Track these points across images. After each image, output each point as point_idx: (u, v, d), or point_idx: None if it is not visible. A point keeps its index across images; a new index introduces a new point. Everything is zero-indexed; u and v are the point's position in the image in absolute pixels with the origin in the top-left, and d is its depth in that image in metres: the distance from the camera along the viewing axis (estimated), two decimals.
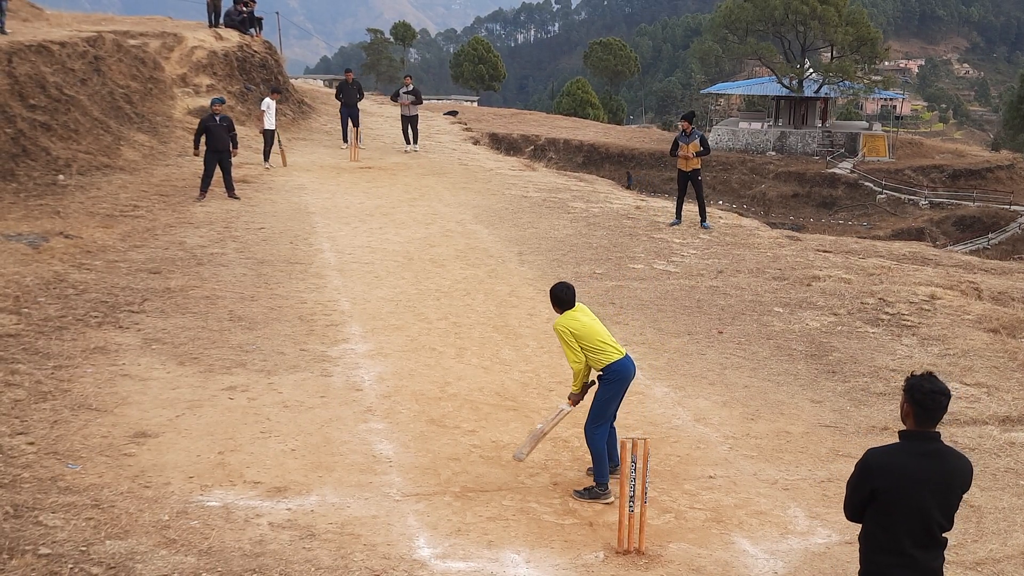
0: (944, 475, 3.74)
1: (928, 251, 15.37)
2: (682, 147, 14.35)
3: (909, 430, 3.82)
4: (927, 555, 3.79)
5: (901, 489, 3.74)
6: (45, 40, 16.22)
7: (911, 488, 3.73)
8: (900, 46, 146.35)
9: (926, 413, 3.75)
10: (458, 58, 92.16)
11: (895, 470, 3.75)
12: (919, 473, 3.73)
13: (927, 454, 3.75)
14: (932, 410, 3.74)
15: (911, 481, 3.73)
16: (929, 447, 3.76)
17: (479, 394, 7.95)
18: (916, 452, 3.76)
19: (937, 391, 3.73)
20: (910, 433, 3.81)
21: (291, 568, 5.11)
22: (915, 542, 3.77)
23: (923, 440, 3.77)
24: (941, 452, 3.78)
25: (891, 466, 3.77)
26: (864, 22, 56.71)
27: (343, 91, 21.13)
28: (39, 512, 5.35)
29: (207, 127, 14.68)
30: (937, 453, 3.77)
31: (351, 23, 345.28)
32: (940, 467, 3.75)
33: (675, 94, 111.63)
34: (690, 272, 12.05)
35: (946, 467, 3.75)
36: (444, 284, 11.13)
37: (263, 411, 7.30)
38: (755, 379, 8.61)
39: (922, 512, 3.73)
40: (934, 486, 3.73)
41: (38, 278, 9.82)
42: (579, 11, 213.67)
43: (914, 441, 3.79)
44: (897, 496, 3.75)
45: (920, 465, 3.74)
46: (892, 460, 3.78)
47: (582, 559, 5.51)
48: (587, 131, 56.97)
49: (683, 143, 14.35)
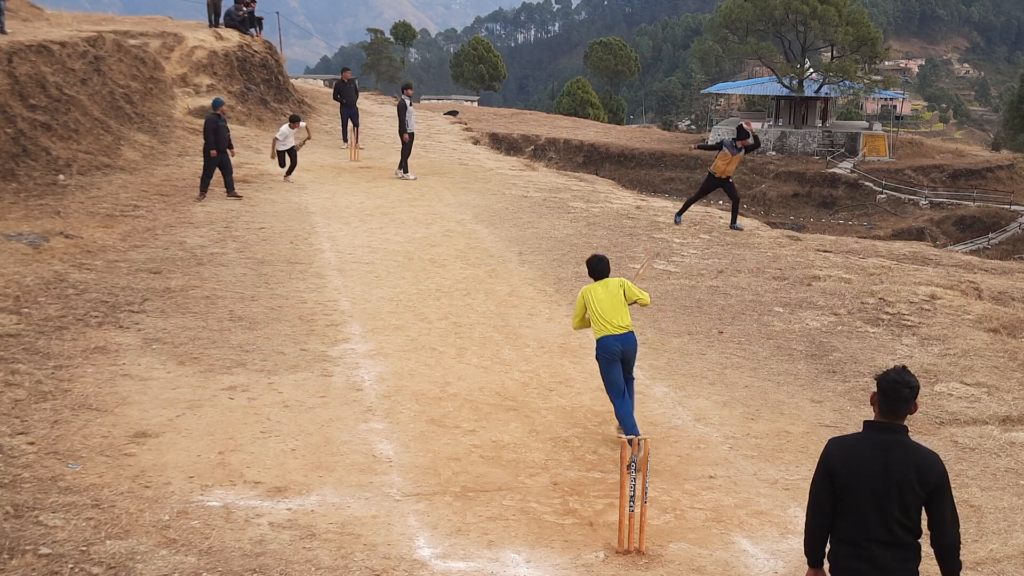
0: (901, 469, 3.63)
1: (928, 251, 15.36)
2: (726, 154, 14.05)
3: (872, 420, 3.78)
4: (887, 553, 3.66)
5: (854, 477, 3.67)
6: (45, 40, 16.22)
7: (864, 478, 3.66)
8: (900, 46, 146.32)
9: (887, 402, 3.70)
10: (458, 58, 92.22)
11: (850, 458, 3.70)
12: (874, 464, 3.65)
13: (886, 445, 3.67)
14: (893, 400, 3.69)
15: (865, 471, 3.66)
16: (889, 439, 3.69)
17: (479, 394, 7.95)
18: (875, 443, 3.69)
19: (900, 381, 3.68)
20: (872, 423, 3.76)
21: (291, 568, 5.11)
22: (873, 537, 3.67)
23: (884, 431, 3.71)
24: (902, 445, 3.68)
25: (846, 454, 3.72)
26: (864, 22, 56.72)
27: (341, 91, 21.01)
28: (39, 512, 5.35)
29: (216, 127, 14.71)
30: (897, 445, 3.67)
31: (351, 23, 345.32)
32: (898, 460, 3.64)
33: (675, 94, 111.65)
34: (690, 272, 12.05)
35: (904, 460, 3.64)
36: (444, 284, 11.13)
37: (263, 411, 7.30)
38: (755, 379, 8.61)
39: (878, 505, 3.64)
40: (890, 479, 3.63)
41: (38, 278, 9.83)
42: (579, 11, 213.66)
43: (875, 432, 3.73)
44: (851, 484, 3.68)
45: (876, 456, 3.66)
46: (849, 448, 3.74)
47: (582, 559, 5.51)
48: (587, 131, 56.98)
49: (730, 152, 14.02)
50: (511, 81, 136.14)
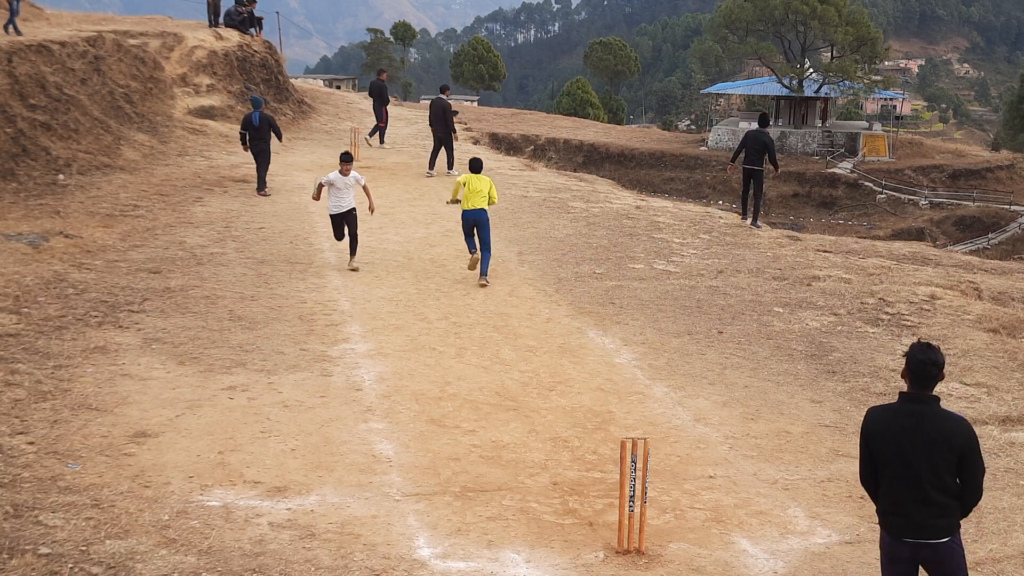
0: (931, 434, 4.02)
1: (928, 251, 15.37)
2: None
3: (904, 392, 4.17)
4: (921, 510, 4.08)
5: (888, 443, 4.10)
6: (45, 40, 16.22)
7: (897, 444, 4.08)
8: (900, 46, 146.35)
9: (916, 378, 4.10)
10: (458, 58, 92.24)
11: (884, 426, 4.12)
12: (906, 431, 4.07)
13: (917, 414, 4.07)
14: (920, 376, 4.08)
15: (897, 437, 4.08)
16: (920, 408, 4.08)
17: (479, 394, 7.95)
18: (907, 412, 4.09)
19: (926, 360, 4.06)
20: (904, 395, 4.16)
21: (291, 568, 5.11)
22: (909, 497, 4.09)
23: (915, 402, 4.10)
24: (933, 414, 4.07)
25: (881, 423, 4.14)
26: (864, 22, 56.72)
27: (379, 90, 21.56)
28: (39, 512, 5.35)
29: (270, 122, 15.63)
30: (928, 414, 4.06)
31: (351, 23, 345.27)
32: (929, 427, 4.03)
33: (675, 94, 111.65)
34: (690, 272, 12.05)
35: (935, 427, 4.03)
36: (444, 284, 11.13)
37: (263, 411, 7.30)
38: (755, 379, 8.61)
39: (911, 468, 4.05)
40: (920, 444, 4.03)
41: (38, 278, 9.82)
42: (579, 11, 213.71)
43: (907, 402, 4.12)
44: (886, 450, 4.11)
45: (907, 424, 4.07)
46: (883, 417, 4.15)
47: (582, 559, 5.51)
48: (587, 131, 56.99)
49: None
50: (511, 81, 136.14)
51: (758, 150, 14.67)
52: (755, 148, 14.69)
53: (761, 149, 14.65)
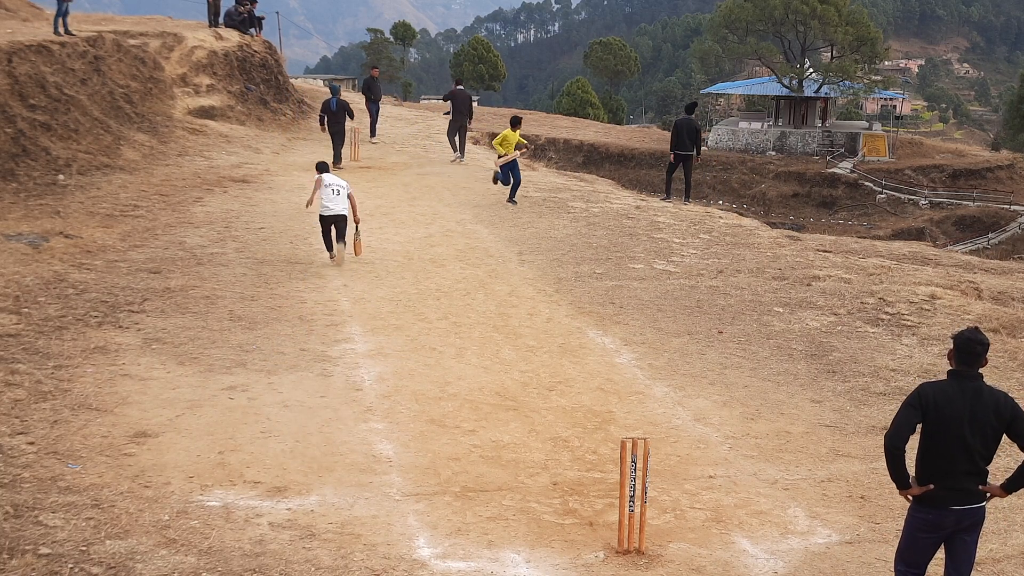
0: (983, 409, 4.43)
1: (928, 251, 15.37)
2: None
3: (952, 369, 4.55)
4: (969, 479, 4.49)
5: (951, 421, 4.43)
6: (45, 40, 16.22)
7: (959, 420, 4.42)
8: (900, 46, 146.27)
9: (961, 356, 4.50)
10: (458, 58, 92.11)
11: (940, 400, 4.46)
12: (958, 404, 4.44)
13: (966, 390, 4.47)
14: (967, 355, 4.48)
15: (959, 414, 4.43)
16: (968, 384, 4.48)
17: (479, 394, 7.95)
18: (963, 389, 4.47)
19: (974, 339, 4.47)
20: (956, 372, 4.53)
21: (291, 568, 5.11)
22: (962, 470, 4.46)
23: (963, 378, 4.50)
24: (979, 389, 4.48)
25: (938, 396, 4.47)
26: (864, 22, 56.71)
27: (370, 87, 22.62)
28: (39, 512, 5.35)
29: (344, 105, 17.93)
30: (976, 390, 4.47)
31: (351, 23, 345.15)
32: (982, 402, 4.44)
33: (675, 94, 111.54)
34: (690, 272, 12.05)
35: (986, 402, 4.44)
36: (444, 284, 11.13)
37: (263, 411, 7.30)
38: (755, 379, 8.61)
39: (962, 440, 4.42)
40: (971, 417, 4.42)
41: (38, 278, 9.82)
42: (579, 11, 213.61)
43: (955, 379, 4.51)
44: (945, 426, 4.44)
45: (964, 400, 4.45)
46: (939, 391, 4.49)
47: (582, 559, 5.51)
48: (587, 131, 57.00)
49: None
50: (511, 81, 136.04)
51: (692, 138, 16.69)
52: (689, 136, 16.69)
53: (693, 136, 16.71)
